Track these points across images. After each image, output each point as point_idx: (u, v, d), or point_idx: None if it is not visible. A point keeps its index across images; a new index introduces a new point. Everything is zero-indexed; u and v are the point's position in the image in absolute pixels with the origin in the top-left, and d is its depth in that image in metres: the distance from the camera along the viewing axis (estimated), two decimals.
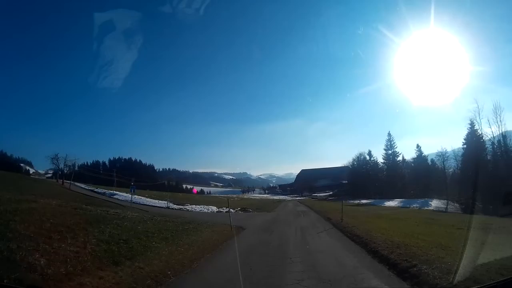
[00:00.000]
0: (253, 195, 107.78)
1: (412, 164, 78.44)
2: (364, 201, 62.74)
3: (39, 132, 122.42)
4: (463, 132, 52.95)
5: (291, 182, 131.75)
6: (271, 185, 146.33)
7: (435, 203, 57.53)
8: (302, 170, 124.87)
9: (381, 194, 74.34)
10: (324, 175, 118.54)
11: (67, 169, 61.87)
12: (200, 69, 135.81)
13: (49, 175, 79.86)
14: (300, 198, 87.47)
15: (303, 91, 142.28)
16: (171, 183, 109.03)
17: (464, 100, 66.58)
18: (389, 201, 60.60)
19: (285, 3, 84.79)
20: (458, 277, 5.23)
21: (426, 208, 51.15)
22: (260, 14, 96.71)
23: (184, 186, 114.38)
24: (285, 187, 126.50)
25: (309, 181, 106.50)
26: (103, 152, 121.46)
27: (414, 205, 54.10)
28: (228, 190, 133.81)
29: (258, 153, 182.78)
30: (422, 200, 60.93)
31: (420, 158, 75.94)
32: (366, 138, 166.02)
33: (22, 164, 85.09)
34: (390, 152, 76.60)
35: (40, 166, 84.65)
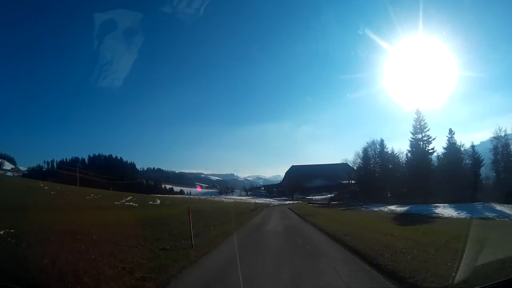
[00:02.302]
0: (231, 197, 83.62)
1: (441, 156, 56.18)
2: (394, 208, 40.31)
3: (26, 129, 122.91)
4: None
5: (278, 183, 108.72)
6: (255, 185, 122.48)
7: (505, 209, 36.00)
8: (293, 167, 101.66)
9: (402, 197, 52.40)
10: (319, 173, 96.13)
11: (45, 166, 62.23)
12: (193, 70, 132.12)
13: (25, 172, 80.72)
14: (291, 202, 64.23)
15: (293, 94, 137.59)
16: (150, 182, 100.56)
17: (452, 104, 57.48)
18: (434, 206, 38.62)
19: (279, 7, 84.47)
20: None
21: None
22: (256, 16, 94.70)
23: (163, 185, 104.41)
24: (271, 188, 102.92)
25: (301, 180, 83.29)
26: (88, 150, 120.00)
27: (488, 214, 32.67)
28: (209, 191, 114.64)
29: (246, 155, 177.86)
30: (479, 205, 39.20)
31: (453, 148, 53.93)
32: (356, 142, 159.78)
33: None
34: (420, 136, 54.01)
35: (25, 164, 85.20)
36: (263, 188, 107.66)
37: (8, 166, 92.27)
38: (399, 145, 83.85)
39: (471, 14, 50.98)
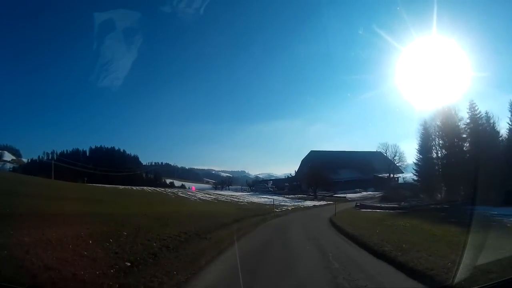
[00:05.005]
0: (222, 192, 59.22)
1: None
2: None
3: (32, 121, 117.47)
4: None
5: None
6: (260, 179, 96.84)
7: None
8: (312, 152, 75.03)
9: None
10: (347, 162, 70.23)
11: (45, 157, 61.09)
12: (200, 68, 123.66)
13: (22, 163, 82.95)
14: (316, 202, 38.24)
15: (304, 92, 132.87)
16: (149, 176, 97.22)
17: (464, 105, 43.04)
18: None
19: (287, 3, 79.54)
20: None
21: None
22: (261, 14, 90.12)
23: (164, 179, 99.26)
24: (281, 184, 77.57)
25: (323, 171, 57.43)
26: (95, 142, 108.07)
27: None
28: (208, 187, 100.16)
29: (257, 152, 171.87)
30: None
31: None
32: (367, 141, 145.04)
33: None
34: None
35: (32, 156, 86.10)
36: (271, 182, 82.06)
37: (8, 157, 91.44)
38: (409, 145, 76.03)
39: (485, 11, 48.32)
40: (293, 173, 76.52)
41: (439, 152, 41.93)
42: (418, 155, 45.61)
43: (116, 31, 35.24)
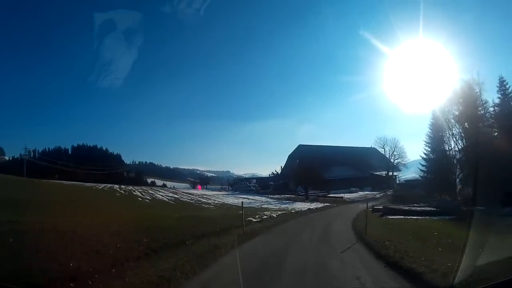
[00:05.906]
0: (189, 192, 49.63)
1: None
2: None
3: (18, 120, 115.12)
4: None
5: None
6: (242, 178, 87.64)
7: None
8: (301, 146, 66.29)
9: None
10: (340, 158, 62.35)
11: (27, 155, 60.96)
12: (192, 68, 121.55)
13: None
14: (310, 205, 28.64)
15: (294, 92, 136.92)
16: (130, 175, 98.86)
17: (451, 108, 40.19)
18: None
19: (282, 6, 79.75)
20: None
21: None
22: (258, 15, 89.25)
23: (145, 178, 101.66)
24: (265, 182, 68.49)
25: (314, 168, 48.92)
26: (82, 140, 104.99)
27: None
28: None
29: (242, 152, 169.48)
30: None
31: None
32: (360, 143, 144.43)
33: None
34: None
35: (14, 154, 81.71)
36: (254, 181, 72.85)
37: None
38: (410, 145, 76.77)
39: (472, 17, 47.67)
40: (278, 170, 67.78)
41: (457, 143, 34.66)
42: (427, 148, 38.41)
43: (116, 31, 35.63)
